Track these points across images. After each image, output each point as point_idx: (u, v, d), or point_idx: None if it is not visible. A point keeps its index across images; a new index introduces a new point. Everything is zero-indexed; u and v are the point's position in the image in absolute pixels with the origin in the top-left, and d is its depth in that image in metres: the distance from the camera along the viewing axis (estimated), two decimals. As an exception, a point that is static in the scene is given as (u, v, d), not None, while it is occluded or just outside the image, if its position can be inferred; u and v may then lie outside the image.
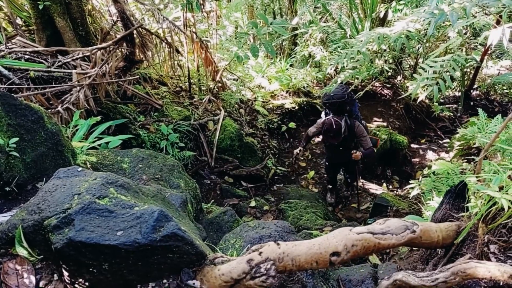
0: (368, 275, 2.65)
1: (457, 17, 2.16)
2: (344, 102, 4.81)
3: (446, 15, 2.21)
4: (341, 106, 4.83)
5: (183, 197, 3.13)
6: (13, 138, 2.40)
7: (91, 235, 1.60)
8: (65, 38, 4.57)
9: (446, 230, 2.10)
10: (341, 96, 4.80)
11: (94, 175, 2.00)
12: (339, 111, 4.88)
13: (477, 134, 2.78)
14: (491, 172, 1.98)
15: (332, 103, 4.85)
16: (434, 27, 2.30)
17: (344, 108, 4.88)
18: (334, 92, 4.88)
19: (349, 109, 4.97)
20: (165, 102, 5.24)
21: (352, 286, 2.59)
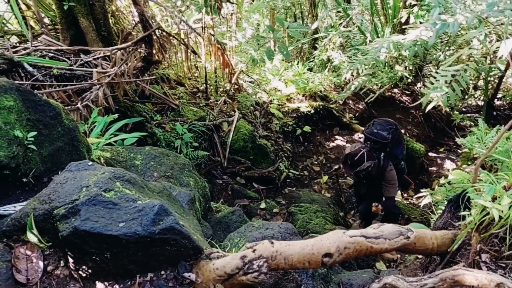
0: (370, 280, 2.69)
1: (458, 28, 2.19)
2: (385, 144, 4.48)
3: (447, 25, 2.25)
4: (382, 146, 4.48)
5: (191, 195, 3.23)
6: (32, 132, 2.54)
7: (95, 225, 1.71)
8: (88, 38, 4.76)
9: (442, 238, 2.13)
10: (384, 138, 4.44)
11: (103, 169, 2.12)
12: (378, 149, 4.53)
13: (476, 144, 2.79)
14: (487, 182, 2.00)
15: (373, 141, 4.48)
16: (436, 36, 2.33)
17: (384, 149, 4.54)
18: (379, 128, 4.51)
19: (390, 150, 4.60)
20: (182, 103, 5.38)
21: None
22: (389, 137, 4.46)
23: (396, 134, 4.59)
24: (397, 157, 4.74)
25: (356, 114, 8.17)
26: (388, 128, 4.52)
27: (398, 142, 4.69)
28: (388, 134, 4.46)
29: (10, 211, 2.31)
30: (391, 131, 4.50)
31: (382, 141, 4.44)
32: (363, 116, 8.31)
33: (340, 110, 7.91)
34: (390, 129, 4.52)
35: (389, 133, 4.47)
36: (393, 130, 4.53)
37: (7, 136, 2.40)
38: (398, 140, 4.67)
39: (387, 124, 4.58)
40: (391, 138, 4.48)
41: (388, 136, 4.45)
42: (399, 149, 4.75)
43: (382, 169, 4.55)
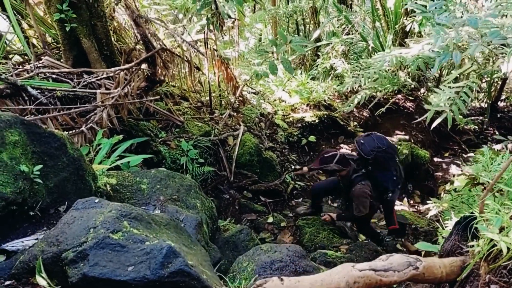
0: (378, 301, 2.67)
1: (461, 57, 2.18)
2: (365, 160, 4.27)
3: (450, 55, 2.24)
4: (364, 160, 4.29)
5: (198, 219, 3.22)
6: (37, 165, 2.55)
7: (103, 270, 1.70)
8: (91, 58, 4.77)
9: (450, 266, 2.11)
10: (365, 153, 4.22)
11: (110, 206, 2.12)
12: (360, 163, 4.38)
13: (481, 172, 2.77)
14: (493, 212, 1.98)
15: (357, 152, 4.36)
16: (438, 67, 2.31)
17: (365, 165, 4.34)
18: (366, 142, 4.30)
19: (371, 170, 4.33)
20: (186, 118, 5.38)
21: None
22: (371, 154, 4.19)
23: (383, 157, 4.25)
24: (382, 185, 4.41)
25: (360, 122, 8.14)
26: (375, 146, 4.22)
27: (383, 169, 4.33)
28: (372, 152, 4.19)
29: (18, 247, 2.33)
30: (377, 152, 4.20)
31: (363, 155, 4.24)
32: (368, 124, 8.29)
33: (345, 119, 7.89)
34: (377, 148, 4.21)
35: (373, 151, 4.19)
36: (379, 151, 4.21)
37: (13, 171, 2.41)
38: (383, 166, 4.31)
39: (378, 142, 4.29)
40: (373, 158, 4.20)
41: (371, 153, 4.19)
42: (385, 176, 4.38)
43: (349, 182, 4.39)
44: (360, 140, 4.34)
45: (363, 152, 4.21)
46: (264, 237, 5.02)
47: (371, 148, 4.18)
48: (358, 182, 4.30)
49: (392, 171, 4.39)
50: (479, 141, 8.97)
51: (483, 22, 2.22)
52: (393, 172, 4.40)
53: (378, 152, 4.18)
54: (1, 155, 2.35)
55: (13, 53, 5.62)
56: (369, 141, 4.27)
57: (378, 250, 4.51)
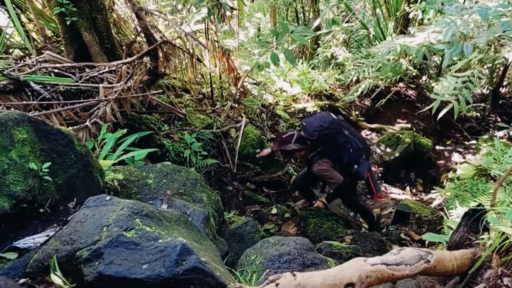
0: (387, 291, 2.70)
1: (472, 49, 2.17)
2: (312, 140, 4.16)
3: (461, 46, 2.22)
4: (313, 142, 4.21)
5: (206, 213, 3.24)
6: (46, 162, 2.55)
7: (119, 269, 1.72)
8: (92, 52, 4.74)
9: (461, 258, 2.13)
10: (310, 134, 4.12)
11: (121, 204, 2.12)
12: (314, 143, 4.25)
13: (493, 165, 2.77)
14: (506, 203, 2.00)
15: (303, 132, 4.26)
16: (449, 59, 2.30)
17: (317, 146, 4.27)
18: (308, 122, 4.21)
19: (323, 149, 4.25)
20: (188, 111, 5.37)
21: (370, 302, 2.62)
22: (314, 135, 4.08)
23: (327, 134, 4.11)
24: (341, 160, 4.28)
25: (362, 111, 8.14)
26: (317, 126, 4.08)
27: (334, 144, 4.19)
28: (314, 132, 4.07)
29: (30, 244, 2.34)
30: (319, 131, 4.06)
31: (307, 136, 4.15)
32: (369, 113, 8.29)
33: (346, 108, 7.88)
34: (319, 127, 4.07)
35: (315, 131, 4.07)
36: (323, 129, 4.06)
37: (23, 169, 2.41)
38: (332, 142, 4.18)
39: (320, 121, 4.13)
40: (318, 138, 4.09)
41: (314, 134, 4.08)
42: (337, 152, 4.24)
43: (309, 161, 4.38)
44: (303, 123, 4.27)
45: (307, 134, 4.14)
46: (268, 228, 5.05)
47: (313, 129, 4.07)
48: (315, 162, 4.27)
49: (343, 146, 4.22)
50: (481, 128, 8.98)
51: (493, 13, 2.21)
52: (345, 146, 4.23)
53: (320, 131, 4.06)
54: (10, 154, 2.35)
55: (13, 47, 5.58)
56: (311, 122, 4.16)
57: (382, 240, 4.54)
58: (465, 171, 5.55)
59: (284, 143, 4.32)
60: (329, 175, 4.29)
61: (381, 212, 6.27)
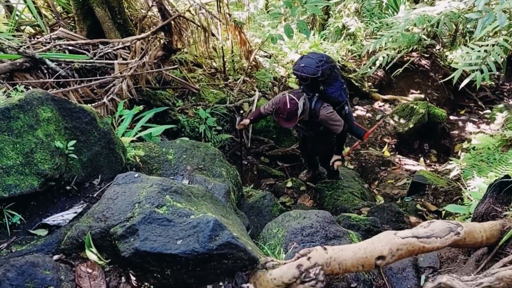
0: (409, 263, 2.73)
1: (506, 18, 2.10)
2: (316, 80, 3.82)
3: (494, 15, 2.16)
4: (313, 83, 3.86)
5: (226, 187, 3.26)
6: (71, 140, 2.56)
7: (154, 245, 1.74)
8: (105, 28, 4.69)
9: (490, 230, 2.13)
10: (313, 72, 3.78)
11: (150, 181, 2.14)
12: (310, 89, 3.96)
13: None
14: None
15: (301, 77, 3.88)
16: (481, 28, 2.24)
17: (316, 87, 3.92)
18: (306, 63, 3.84)
19: (323, 89, 3.96)
20: (202, 86, 5.34)
21: (393, 274, 2.67)
22: (318, 71, 3.78)
23: (328, 67, 3.87)
24: (335, 99, 4.05)
25: (375, 82, 8.04)
26: (317, 60, 3.82)
27: (333, 79, 3.98)
28: (317, 68, 3.78)
29: (59, 221, 2.38)
30: (321, 64, 3.80)
31: (311, 76, 3.79)
32: (382, 83, 8.18)
33: (359, 80, 7.78)
34: (320, 61, 3.82)
35: (318, 67, 3.78)
36: (323, 63, 3.82)
37: (49, 148, 2.42)
38: (331, 76, 3.94)
39: (316, 57, 3.89)
40: (322, 72, 3.80)
41: (318, 70, 3.78)
42: (336, 87, 4.03)
43: (314, 114, 3.96)
44: (299, 66, 3.87)
45: (311, 73, 3.79)
46: (284, 201, 5.08)
47: (315, 65, 3.79)
48: (320, 108, 3.94)
49: (340, 81, 4.10)
50: (495, 97, 8.85)
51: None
52: (341, 81, 4.14)
53: (323, 66, 3.81)
54: (36, 132, 2.36)
55: (25, 24, 5.52)
56: (308, 61, 3.86)
57: (400, 212, 4.56)
58: (480, 141, 5.50)
59: (294, 114, 3.83)
60: (336, 117, 4.00)
61: (395, 183, 6.29)
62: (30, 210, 2.41)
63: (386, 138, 7.24)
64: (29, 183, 2.24)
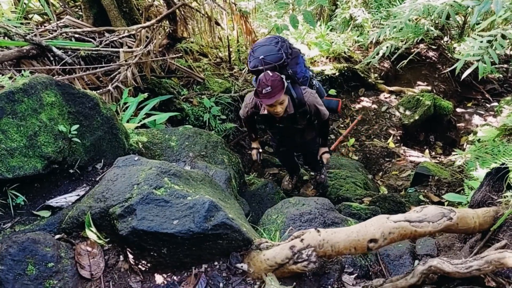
0: (406, 250, 2.76)
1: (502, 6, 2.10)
2: (283, 65, 3.31)
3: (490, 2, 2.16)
4: (281, 72, 3.26)
5: (227, 174, 3.31)
6: (74, 125, 2.62)
7: (151, 224, 1.80)
8: (110, 16, 4.73)
9: (484, 216, 2.16)
10: (279, 58, 3.27)
11: (149, 164, 2.19)
12: None
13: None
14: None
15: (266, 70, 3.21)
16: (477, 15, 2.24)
17: (285, 74, 3.31)
18: (264, 52, 3.30)
19: (292, 72, 3.43)
20: (207, 75, 5.37)
21: (390, 261, 2.70)
22: (282, 54, 3.29)
23: (287, 46, 3.41)
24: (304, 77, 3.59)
25: (381, 74, 8.00)
26: (274, 44, 3.34)
27: (295, 56, 3.51)
28: (279, 51, 3.29)
29: (62, 203, 2.45)
30: (280, 46, 3.34)
31: (278, 64, 3.27)
32: (388, 75, 8.14)
33: (365, 71, 7.75)
34: (276, 43, 3.35)
35: (279, 50, 3.30)
36: (281, 43, 3.36)
37: (53, 131, 2.49)
38: (293, 54, 3.47)
39: (269, 41, 3.40)
40: (286, 54, 3.32)
41: (281, 54, 3.28)
42: (300, 65, 3.55)
43: (299, 103, 3.40)
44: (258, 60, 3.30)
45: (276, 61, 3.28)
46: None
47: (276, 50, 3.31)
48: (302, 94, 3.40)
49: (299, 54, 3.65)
50: (503, 90, 8.76)
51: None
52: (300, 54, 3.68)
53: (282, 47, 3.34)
54: (40, 116, 2.42)
55: (32, 12, 5.59)
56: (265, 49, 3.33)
57: (402, 202, 4.58)
58: (486, 133, 5.48)
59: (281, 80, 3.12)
60: (319, 99, 3.52)
61: (399, 174, 6.29)
62: (33, 192, 2.48)
63: (391, 129, 7.22)
64: (32, 165, 2.31)
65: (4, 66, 3.82)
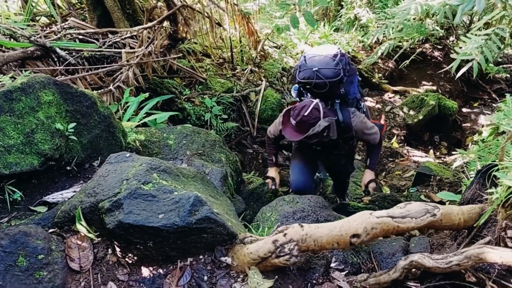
0: (399, 248, 2.78)
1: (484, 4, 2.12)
2: (339, 82, 2.84)
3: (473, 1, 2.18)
4: (332, 89, 2.86)
5: (223, 172, 3.36)
6: (71, 123, 2.70)
7: (137, 218, 1.86)
8: (114, 17, 4.83)
9: (469, 213, 2.17)
10: (335, 74, 2.79)
11: (140, 160, 2.26)
12: (328, 96, 2.95)
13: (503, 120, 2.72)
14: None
15: (316, 85, 2.82)
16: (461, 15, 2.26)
17: (336, 93, 2.93)
18: (320, 64, 2.81)
19: (344, 92, 3.00)
20: (209, 75, 5.44)
21: (383, 259, 2.72)
22: (340, 70, 2.80)
23: (346, 61, 2.94)
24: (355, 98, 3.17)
25: (385, 74, 8.00)
26: (332, 57, 2.84)
27: (351, 74, 3.07)
28: (337, 66, 2.80)
29: (58, 199, 2.52)
30: (339, 59, 2.84)
31: (333, 80, 2.79)
32: (393, 75, 8.13)
33: (369, 70, 7.76)
34: (335, 56, 2.85)
35: (337, 64, 2.81)
36: (340, 57, 2.87)
37: (50, 129, 2.57)
38: (350, 71, 3.02)
39: (328, 52, 2.90)
40: (343, 71, 2.84)
41: (339, 70, 2.80)
42: (354, 84, 3.14)
43: (346, 128, 2.98)
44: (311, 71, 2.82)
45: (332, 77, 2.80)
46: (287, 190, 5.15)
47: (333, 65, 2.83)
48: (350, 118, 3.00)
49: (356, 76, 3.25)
50: (510, 90, 8.68)
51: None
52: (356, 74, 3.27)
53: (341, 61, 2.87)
54: (37, 114, 2.50)
55: (40, 14, 5.72)
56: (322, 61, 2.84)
57: (401, 201, 4.58)
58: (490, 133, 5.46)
59: (311, 124, 2.75)
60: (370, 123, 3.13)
61: (402, 174, 6.28)
62: (31, 188, 2.56)
63: (395, 129, 7.21)
64: (29, 162, 2.39)
65: (9, 67, 3.92)
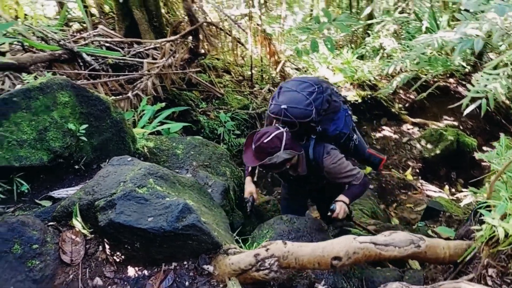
0: (392, 279, 2.77)
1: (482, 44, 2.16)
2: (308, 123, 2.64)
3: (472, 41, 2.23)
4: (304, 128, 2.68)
5: (225, 185, 3.44)
6: (84, 124, 2.84)
7: (127, 218, 1.95)
8: (141, 29, 5.06)
9: (455, 248, 2.18)
10: (303, 115, 2.59)
11: (140, 165, 2.36)
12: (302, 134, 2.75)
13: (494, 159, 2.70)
14: (503, 199, 2.01)
15: (285, 122, 2.63)
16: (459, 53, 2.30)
17: (310, 130, 2.73)
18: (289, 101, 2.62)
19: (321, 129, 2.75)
20: (227, 91, 5.59)
21: (374, 287, 2.72)
22: (311, 111, 2.59)
23: (324, 99, 2.67)
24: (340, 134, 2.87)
25: (406, 105, 7.98)
26: (306, 95, 2.62)
27: (333, 112, 2.79)
28: (309, 106, 2.59)
29: (63, 195, 2.64)
30: (313, 99, 2.61)
31: (301, 121, 2.61)
32: (414, 106, 8.10)
33: (389, 100, 7.76)
34: (310, 94, 2.62)
35: (309, 104, 2.59)
36: (316, 95, 2.64)
37: (62, 129, 2.72)
38: (330, 109, 2.75)
39: (303, 88, 2.69)
40: (317, 111, 2.61)
41: (310, 111, 2.59)
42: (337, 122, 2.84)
43: (315, 166, 2.76)
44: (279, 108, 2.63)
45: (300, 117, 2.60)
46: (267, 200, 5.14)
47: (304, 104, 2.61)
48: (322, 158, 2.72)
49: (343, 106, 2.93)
50: (533, 131, 8.50)
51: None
52: (343, 106, 2.95)
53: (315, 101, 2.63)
54: (52, 113, 2.66)
55: (74, 20, 6.03)
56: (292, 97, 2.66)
57: (404, 232, 4.53)
58: (507, 174, 5.36)
59: (269, 152, 2.51)
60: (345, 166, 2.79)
61: (414, 207, 6.21)
62: (38, 183, 2.70)
63: (411, 161, 7.16)
64: (39, 157, 2.54)
65: (37, 67, 4.16)
